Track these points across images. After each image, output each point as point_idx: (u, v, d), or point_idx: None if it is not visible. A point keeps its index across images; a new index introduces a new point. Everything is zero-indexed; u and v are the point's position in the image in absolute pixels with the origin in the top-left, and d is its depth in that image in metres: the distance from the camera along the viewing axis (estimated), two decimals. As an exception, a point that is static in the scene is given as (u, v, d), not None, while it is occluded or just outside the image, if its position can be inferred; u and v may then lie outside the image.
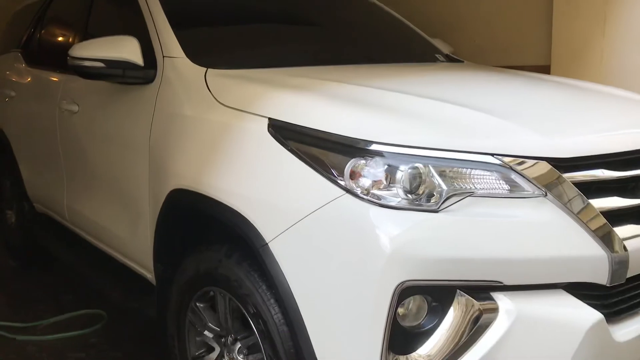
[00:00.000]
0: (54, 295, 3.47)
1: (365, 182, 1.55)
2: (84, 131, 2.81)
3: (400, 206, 1.51)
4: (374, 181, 1.54)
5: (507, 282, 1.52)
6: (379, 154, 1.55)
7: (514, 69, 2.92)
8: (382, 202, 1.52)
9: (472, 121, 1.69)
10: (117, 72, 2.30)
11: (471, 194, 1.53)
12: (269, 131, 1.75)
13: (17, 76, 3.70)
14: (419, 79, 2.39)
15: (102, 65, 2.27)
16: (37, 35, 3.70)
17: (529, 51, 4.12)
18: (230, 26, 2.74)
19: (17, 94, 3.65)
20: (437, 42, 3.22)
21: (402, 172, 1.53)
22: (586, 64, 3.67)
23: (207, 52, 2.39)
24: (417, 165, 1.54)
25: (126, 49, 2.29)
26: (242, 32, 2.71)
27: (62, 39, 3.52)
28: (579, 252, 1.54)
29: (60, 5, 3.61)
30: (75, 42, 3.05)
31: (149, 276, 2.38)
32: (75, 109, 2.84)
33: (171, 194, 2.05)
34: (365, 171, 1.55)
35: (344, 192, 1.55)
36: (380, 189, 1.54)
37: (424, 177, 1.53)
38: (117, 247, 2.64)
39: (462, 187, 1.53)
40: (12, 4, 4.33)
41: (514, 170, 1.55)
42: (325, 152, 1.62)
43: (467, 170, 1.55)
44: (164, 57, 2.32)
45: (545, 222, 1.54)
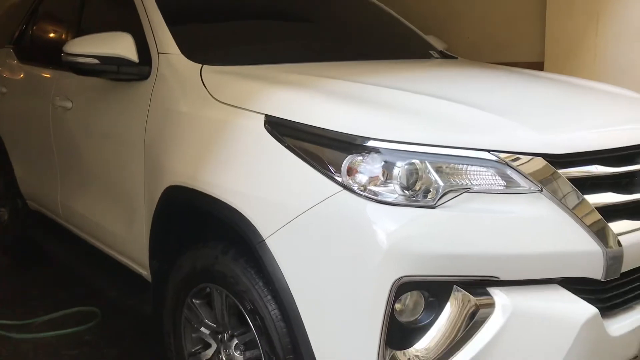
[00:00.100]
0: (48, 292, 3.45)
1: (362, 178, 1.55)
2: (77, 128, 2.79)
3: (397, 202, 1.52)
4: (371, 177, 1.55)
5: (504, 277, 1.53)
6: (376, 151, 1.56)
7: (507, 65, 2.94)
8: (379, 198, 1.52)
9: (468, 118, 1.70)
10: (111, 68, 2.29)
11: (467, 190, 1.54)
12: (266, 128, 1.75)
13: (9, 72, 3.67)
14: (414, 75, 2.40)
15: (96, 61, 2.26)
16: (30, 31, 3.67)
17: (523, 48, 4.14)
18: (225, 22, 2.73)
19: (9, 91, 3.62)
20: (431, 39, 3.23)
21: (399, 169, 1.54)
22: (579, 61, 3.70)
23: (203, 49, 2.38)
24: (413, 161, 1.54)
25: (121, 46, 2.28)
26: (237, 29, 2.70)
27: (55, 35, 3.50)
28: (574, 247, 1.55)
29: (53, 0, 3.58)
30: (68, 38, 3.03)
31: (145, 273, 2.38)
32: (69, 105, 2.82)
33: (167, 191, 2.05)
34: (362, 167, 1.56)
35: (341, 188, 1.56)
36: (377, 185, 1.54)
37: (420, 174, 1.54)
38: (112, 244, 2.63)
39: (458, 183, 1.54)
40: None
41: (509, 166, 1.56)
42: (322, 149, 1.63)
43: (464, 166, 1.56)
44: (158, 53, 2.31)
45: (540, 217, 1.55)
